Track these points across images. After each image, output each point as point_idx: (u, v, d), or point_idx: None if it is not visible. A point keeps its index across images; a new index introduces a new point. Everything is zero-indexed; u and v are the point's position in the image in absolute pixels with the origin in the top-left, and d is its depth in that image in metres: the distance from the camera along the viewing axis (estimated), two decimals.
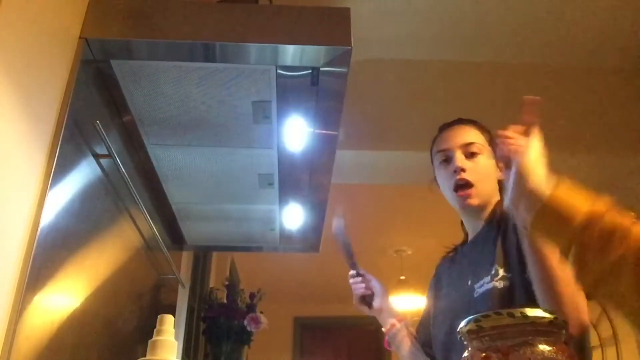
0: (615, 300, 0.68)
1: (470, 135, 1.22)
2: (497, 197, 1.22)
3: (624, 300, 0.66)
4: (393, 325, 1.29)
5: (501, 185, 1.24)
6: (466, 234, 1.29)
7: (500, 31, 2.45)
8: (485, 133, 1.25)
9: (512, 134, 0.87)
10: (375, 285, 1.36)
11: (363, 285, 1.35)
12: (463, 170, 1.17)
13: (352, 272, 1.37)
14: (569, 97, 2.63)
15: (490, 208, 1.21)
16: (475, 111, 2.37)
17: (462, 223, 1.31)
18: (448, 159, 1.21)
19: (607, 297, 0.69)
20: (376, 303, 1.34)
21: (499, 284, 1.05)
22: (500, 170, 1.24)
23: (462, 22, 2.40)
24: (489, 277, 1.08)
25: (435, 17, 2.38)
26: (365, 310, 1.36)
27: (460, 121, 1.26)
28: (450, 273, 1.28)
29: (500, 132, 0.90)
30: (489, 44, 2.53)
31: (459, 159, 1.18)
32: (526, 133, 0.86)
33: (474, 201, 1.17)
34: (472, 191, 1.17)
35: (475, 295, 1.10)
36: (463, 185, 1.17)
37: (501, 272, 1.07)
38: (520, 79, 2.63)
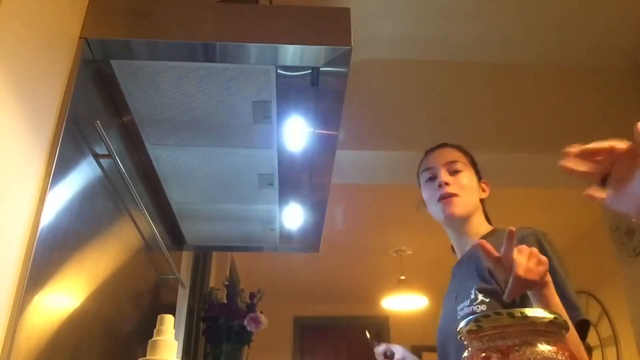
0: None
1: (454, 154, 1.31)
2: (479, 214, 1.28)
3: None
4: None
5: (483, 204, 1.31)
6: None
7: (500, 31, 2.46)
8: (467, 156, 1.33)
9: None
10: (397, 347, 1.48)
11: (383, 347, 1.49)
12: (447, 184, 1.25)
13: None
14: (568, 96, 2.64)
15: (472, 224, 1.25)
16: (475, 111, 2.38)
17: (452, 247, 1.34)
18: (433, 177, 1.28)
19: None
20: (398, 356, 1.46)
21: (477, 308, 1.09)
22: (483, 191, 1.31)
23: (461, 22, 2.41)
24: (469, 300, 1.12)
25: (435, 17, 2.38)
26: None
27: (444, 145, 1.35)
28: (449, 287, 1.32)
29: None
30: (489, 44, 2.53)
31: (444, 174, 1.26)
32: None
33: (457, 210, 1.23)
34: (455, 199, 1.23)
35: (458, 318, 1.12)
36: (447, 196, 1.23)
37: (480, 296, 1.10)
38: (520, 79, 2.63)
